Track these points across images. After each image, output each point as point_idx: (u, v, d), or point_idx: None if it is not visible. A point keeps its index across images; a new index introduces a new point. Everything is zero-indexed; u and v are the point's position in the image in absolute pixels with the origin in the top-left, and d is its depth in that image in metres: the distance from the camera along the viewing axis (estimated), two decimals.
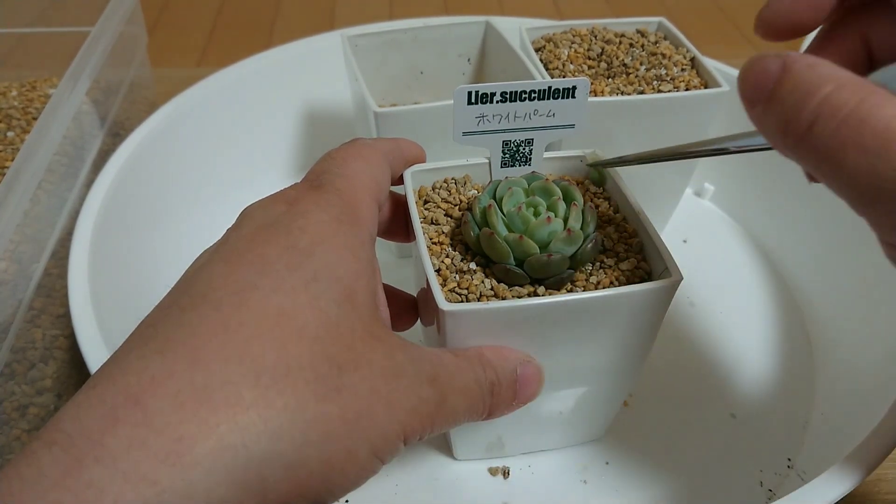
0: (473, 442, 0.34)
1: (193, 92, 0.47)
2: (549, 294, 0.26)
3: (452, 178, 0.31)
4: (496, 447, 0.34)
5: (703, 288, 0.45)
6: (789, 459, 0.36)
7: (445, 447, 0.36)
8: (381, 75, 0.46)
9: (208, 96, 0.48)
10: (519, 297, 0.26)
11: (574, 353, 0.28)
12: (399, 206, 0.30)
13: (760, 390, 0.39)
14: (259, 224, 0.23)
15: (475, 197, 0.29)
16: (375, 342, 0.22)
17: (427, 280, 0.26)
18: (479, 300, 0.26)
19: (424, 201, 0.30)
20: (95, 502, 0.17)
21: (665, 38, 0.44)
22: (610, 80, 0.41)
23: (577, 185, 0.31)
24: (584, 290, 0.27)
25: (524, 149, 0.29)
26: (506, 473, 0.35)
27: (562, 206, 0.27)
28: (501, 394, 0.26)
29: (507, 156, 0.29)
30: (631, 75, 0.41)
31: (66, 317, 0.38)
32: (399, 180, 0.30)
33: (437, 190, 0.31)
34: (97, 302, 0.34)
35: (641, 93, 0.39)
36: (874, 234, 0.20)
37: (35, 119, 0.43)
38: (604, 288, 0.27)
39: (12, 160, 0.35)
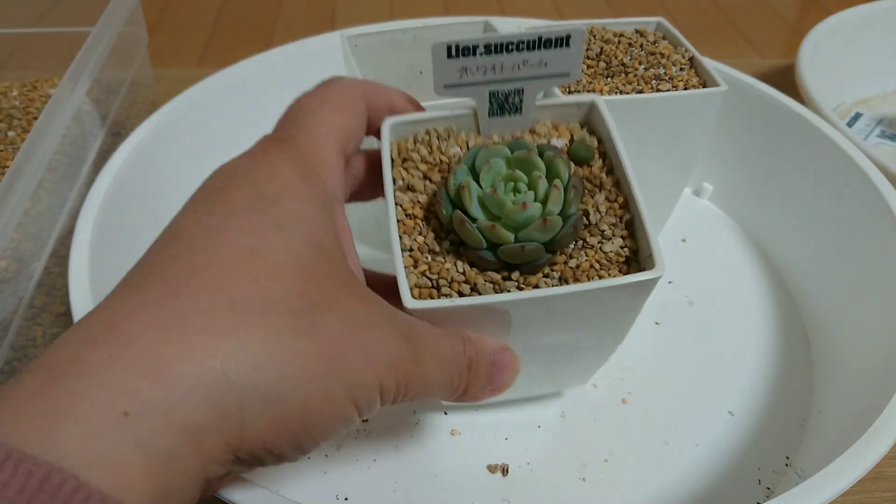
0: None
1: (193, 92, 0.48)
2: (524, 279, 0.25)
3: (435, 130, 0.29)
4: None
5: (701, 287, 0.45)
6: (787, 457, 0.36)
7: (445, 445, 0.36)
8: (380, 75, 0.46)
9: (208, 96, 0.48)
10: (491, 283, 0.25)
11: (547, 338, 0.28)
12: (375, 166, 0.29)
13: (758, 388, 0.39)
14: (224, 175, 0.23)
15: (454, 164, 0.27)
16: (348, 289, 0.22)
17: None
18: (449, 285, 0.25)
19: (403, 160, 0.28)
20: (73, 407, 0.16)
21: (664, 38, 0.44)
22: (609, 79, 0.41)
23: (571, 137, 0.29)
24: (562, 275, 0.26)
25: (514, 98, 0.28)
26: (504, 471, 0.35)
27: (543, 184, 0.26)
28: (479, 373, 0.25)
29: (494, 106, 0.28)
30: (630, 74, 0.41)
31: (66, 315, 0.39)
32: (378, 130, 0.29)
33: (417, 145, 0.29)
34: (97, 300, 0.34)
35: (640, 92, 0.39)
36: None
37: (36, 119, 0.43)
38: (583, 271, 0.26)
39: (13, 159, 0.35)
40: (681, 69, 0.41)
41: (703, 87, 0.40)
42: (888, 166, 0.43)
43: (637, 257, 0.26)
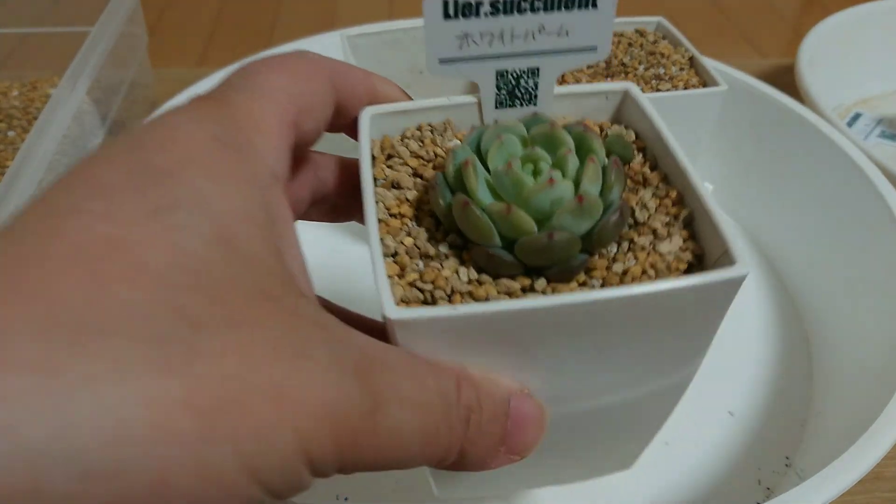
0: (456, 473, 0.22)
1: (193, 92, 0.47)
2: (552, 288, 0.19)
3: (429, 125, 0.23)
4: (488, 480, 0.24)
5: None
6: (787, 458, 0.36)
7: None
8: (381, 75, 0.46)
9: None
10: (507, 294, 0.18)
11: (588, 377, 0.20)
12: (351, 179, 0.23)
13: (758, 388, 0.39)
14: (110, 143, 0.17)
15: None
16: (268, 303, 0.15)
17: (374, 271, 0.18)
18: (449, 299, 0.18)
19: (387, 156, 0.22)
20: None
21: (664, 38, 0.44)
22: (609, 79, 0.41)
23: (602, 133, 0.23)
24: (604, 283, 0.19)
25: (527, 81, 0.22)
26: None
27: (573, 161, 0.19)
28: (482, 427, 0.18)
29: (502, 91, 0.22)
30: (630, 74, 0.41)
31: None
32: (355, 125, 0.22)
33: (406, 140, 0.23)
34: None
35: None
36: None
37: (36, 119, 0.43)
38: (633, 281, 0.18)
39: (13, 159, 0.35)
40: (681, 69, 0.41)
41: (703, 87, 0.40)
42: (888, 166, 0.43)
43: (702, 264, 0.20)
